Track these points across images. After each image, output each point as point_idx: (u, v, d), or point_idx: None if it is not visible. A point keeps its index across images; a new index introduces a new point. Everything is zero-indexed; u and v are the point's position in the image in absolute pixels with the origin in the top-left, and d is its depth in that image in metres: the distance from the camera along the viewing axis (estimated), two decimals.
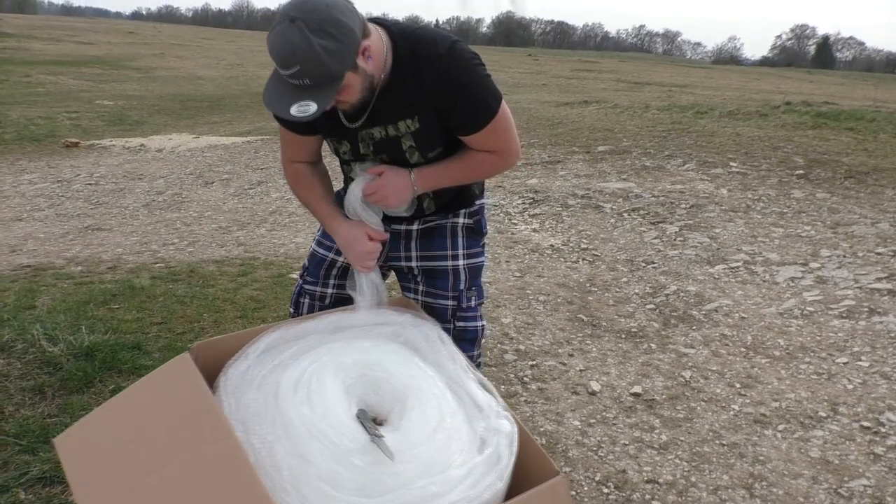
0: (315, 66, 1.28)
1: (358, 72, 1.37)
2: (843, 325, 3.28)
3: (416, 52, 1.44)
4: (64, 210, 5.32)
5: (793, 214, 4.99)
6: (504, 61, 31.47)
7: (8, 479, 1.92)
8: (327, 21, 1.27)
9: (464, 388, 1.43)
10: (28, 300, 3.33)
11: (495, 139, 1.55)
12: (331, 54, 1.28)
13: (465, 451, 1.29)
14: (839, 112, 9.32)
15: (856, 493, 2.10)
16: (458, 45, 1.45)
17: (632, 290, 3.81)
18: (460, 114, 1.48)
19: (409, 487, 1.18)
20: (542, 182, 6.15)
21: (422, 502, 1.16)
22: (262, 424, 1.24)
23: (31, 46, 25.13)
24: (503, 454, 1.30)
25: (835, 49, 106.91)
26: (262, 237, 4.72)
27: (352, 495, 1.16)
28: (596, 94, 14.69)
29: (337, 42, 1.28)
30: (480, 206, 1.78)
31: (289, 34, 1.27)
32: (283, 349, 1.45)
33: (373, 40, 1.40)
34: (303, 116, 1.32)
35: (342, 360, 1.41)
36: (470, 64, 1.45)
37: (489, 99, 1.48)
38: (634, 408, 2.60)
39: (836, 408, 2.59)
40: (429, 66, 1.44)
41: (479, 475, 1.24)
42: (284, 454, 1.20)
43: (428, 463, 1.23)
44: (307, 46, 1.26)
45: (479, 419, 1.37)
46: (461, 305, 1.73)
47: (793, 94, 16.39)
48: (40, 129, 8.89)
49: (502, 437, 1.33)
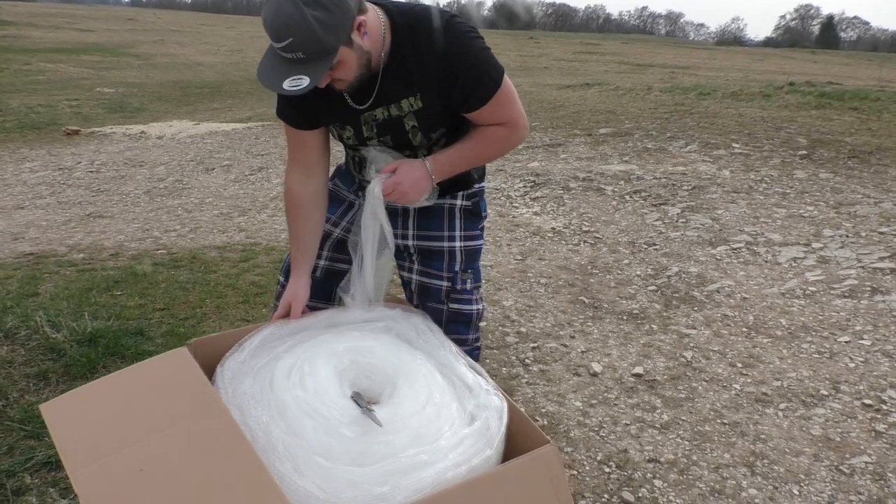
0: (308, 39, 1.27)
1: (353, 47, 1.35)
2: (846, 304, 3.28)
3: (414, 28, 1.43)
4: (65, 198, 5.33)
5: (795, 195, 4.97)
6: (505, 44, 31.27)
7: (14, 464, 1.94)
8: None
9: (453, 372, 1.46)
10: (31, 287, 3.34)
11: (502, 111, 1.53)
12: (324, 26, 1.27)
13: (454, 425, 1.32)
14: (843, 92, 9.25)
15: (857, 469, 2.11)
16: (456, 20, 1.44)
17: (633, 271, 3.81)
18: (463, 88, 1.46)
19: (399, 456, 1.21)
20: (544, 165, 6.13)
21: (412, 470, 1.19)
22: (257, 408, 1.28)
23: (31, 34, 25.04)
24: (492, 426, 1.33)
25: (839, 29, 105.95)
26: (263, 223, 4.72)
27: (344, 465, 1.19)
28: (598, 77, 14.60)
29: (330, 14, 1.27)
30: (480, 189, 1.77)
31: (282, 5, 1.26)
32: (277, 344, 1.50)
33: (369, 17, 1.39)
34: (295, 90, 1.30)
35: (334, 347, 1.45)
36: (468, 37, 1.43)
37: (491, 71, 1.47)
38: (636, 388, 2.61)
39: (838, 386, 2.59)
40: (427, 41, 1.42)
41: (468, 445, 1.27)
42: (279, 433, 1.23)
43: (418, 433, 1.27)
44: (300, 17, 1.25)
45: (469, 398, 1.41)
46: (455, 287, 1.73)
47: (796, 74, 16.28)
48: (41, 117, 8.88)
49: (492, 412, 1.36)
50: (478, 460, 1.26)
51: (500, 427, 1.33)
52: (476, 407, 1.38)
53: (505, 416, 1.36)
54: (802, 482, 2.06)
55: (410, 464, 1.20)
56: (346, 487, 1.16)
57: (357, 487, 1.16)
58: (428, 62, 1.44)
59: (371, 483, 1.16)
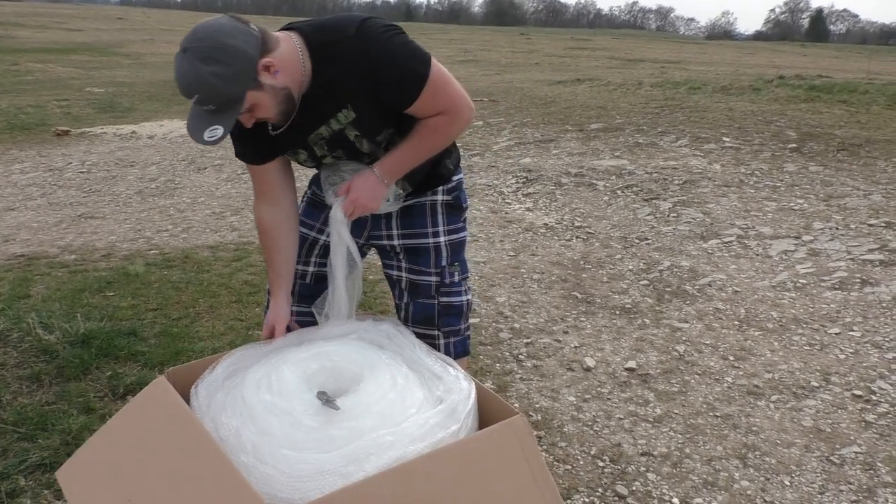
0: (211, 93, 1.33)
1: (264, 89, 1.38)
2: (836, 296, 3.31)
3: (328, 44, 1.44)
4: (56, 199, 5.31)
5: (786, 188, 4.99)
6: (496, 41, 31.25)
7: (8, 466, 1.94)
8: (214, 48, 1.31)
9: (422, 365, 1.50)
10: (23, 289, 3.33)
11: (438, 101, 1.50)
12: (222, 79, 1.32)
13: (421, 408, 1.35)
14: (832, 85, 9.30)
15: (847, 459, 2.13)
16: (368, 23, 1.43)
17: (626, 266, 3.83)
18: (389, 89, 1.46)
19: (363, 439, 1.24)
20: (536, 161, 6.14)
21: (378, 451, 1.22)
22: (229, 416, 1.33)
23: (19, 34, 24.87)
24: (459, 406, 1.35)
25: (829, 22, 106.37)
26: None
27: (311, 453, 1.23)
28: (589, 72, 14.62)
29: (227, 66, 1.31)
30: (458, 181, 1.79)
31: (182, 65, 1.33)
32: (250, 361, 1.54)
33: (281, 52, 1.40)
34: (212, 140, 1.37)
35: (301, 356, 1.50)
36: (382, 37, 1.42)
37: (414, 64, 1.44)
38: (629, 382, 2.62)
39: (829, 377, 2.62)
40: (341, 52, 1.43)
41: (433, 423, 1.30)
42: (248, 434, 1.28)
43: (382, 416, 1.31)
44: (198, 75, 1.31)
45: (437, 385, 1.44)
46: (444, 281, 1.76)
47: (786, 67, 16.34)
48: (30, 117, 8.82)
49: (460, 394, 1.39)
50: (443, 434, 1.28)
51: (467, 405, 1.35)
52: (444, 392, 1.41)
53: (473, 396, 1.38)
54: (794, 473, 2.08)
55: (375, 444, 1.23)
56: (310, 472, 1.19)
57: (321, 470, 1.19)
58: (350, 72, 1.44)
59: (335, 465, 1.20)
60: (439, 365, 1.50)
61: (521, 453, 1.27)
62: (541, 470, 1.28)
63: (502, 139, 7.15)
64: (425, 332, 1.76)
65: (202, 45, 1.31)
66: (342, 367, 1.47)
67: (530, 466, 1.27)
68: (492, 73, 15.34)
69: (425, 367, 1.50)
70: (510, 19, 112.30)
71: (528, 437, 1.29)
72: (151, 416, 1.42)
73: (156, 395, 1.45)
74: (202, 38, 1.31)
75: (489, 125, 7.86)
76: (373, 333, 1.64)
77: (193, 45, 1.31)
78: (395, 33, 1.44)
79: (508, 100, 9.64)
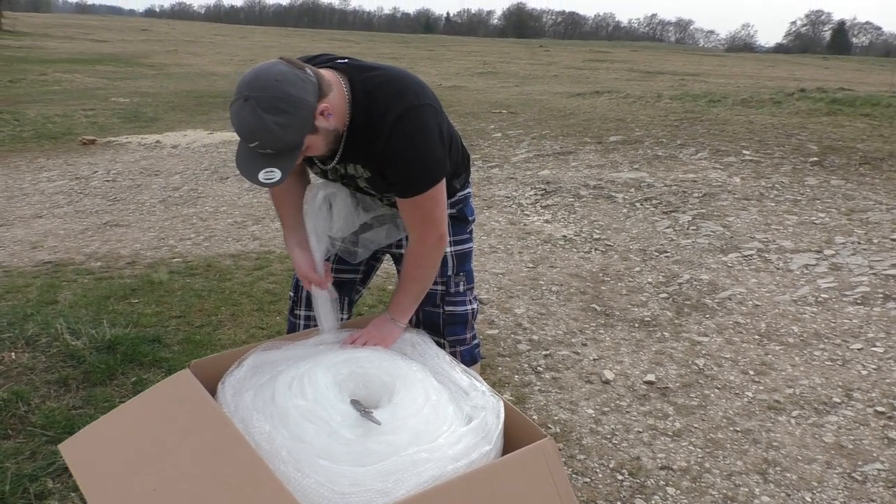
0: (273, 140, 1.35)
1: (318, 132, 1.42)
2: (858, 311, 3.28)
3: (370, 115, 1.48)
4: (82, 207, 5.40)
5: (807, 202, 4.96)
6: (515, 53, 31.36)
7: (36, 469, 1.98)
8: (278, 98, 1.32)
9: (448, 378, 1.53)
10: (50, 295, 3.40)
11: (415, 214, 1.59)
12: (284, 128, 1.34)
13: (452, 424, 1.37)
14: (854, 98, 9.22)
15: (870, 477, 2.12)
16: (410, 115, 1.47)
17: (645, 279, 3.82)
18: (392, 174, 1.53)
19: (400, 455, 1.25)
20: (554, 173, 6.15)
21: (413, 467, 1.23)
22: (260, 419, 1.33)
23: (47, 45, 25.37)
24: (490, 423, 1.38)
25: (851, 34, 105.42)
26: (277, 231, 4.77)
27: (347, 465, 1.23)
28: (608, 85, 14.62)
29: (289, 116, 1.34)
30: (463, 195, 1.85)
31: (243, 113, 1.33)
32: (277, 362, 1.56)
33: (333, 96, 1.44)
34: (270, 182, 1.38)
35: (333, 359, 1.52)
36: (414, 135, 1.48)
37: (420, 175, 1.52)
38: (648, 396, 2.62)
39: (851, 393, 2.59)
40: (378, 129, 1.48)
41: (466, 442, 1.31)
42: (282, 440, 1.28)
43: (417, 432, 1.32)
44: (261, 125, 1.32)
45: (465, 400, 1.46)
46: (449, 290, 1.82)
47: (807, 80, 16.22)
48: (57, 126, 8.99)
49: (489, 412, 1.40)
50: (476, 455, 1.30)
51: (498, 425, 1.37)
52: (472, 408, 1.43)
53: (502, 415, 1.40)
54: (815, 489, 2.07)
55: (411, 461, 1.24)
56: (349, 486, 1.19)
57: (360, 485, 1.19)
58: (374, 144, 1.50)
59: (373, 480, 1.20)
60: (465, 378, 1.52)
61: (549, 477, 1.29)
62: (567, 494, 1.30)
63: (521, 151, 7.17)
64: (435, 339, 1.81)
65: (265, 94, 1.32)
66: (372, 375, 1.49)
67: (558, 491, 1.29)
68: (511, 86, 15.39)
69: (451, 380, 1.52)
70: (529, 31, 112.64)
71: (556, 461, 1.31)
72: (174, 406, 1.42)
73: (180, 386, 1.46)
74: (265, 88, 1.32)
75: (508, 137, 7.89)
76: (398, 341, 1.68)
77: (256, 94, 1.32)
78: (429, 135, 1.50)
79: (527, 112, 9.67)
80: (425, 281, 1.71)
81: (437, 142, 1.52)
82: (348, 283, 1.93)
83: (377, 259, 1.98)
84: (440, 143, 1.53)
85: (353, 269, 1.92)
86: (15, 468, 1.97)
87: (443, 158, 1.55)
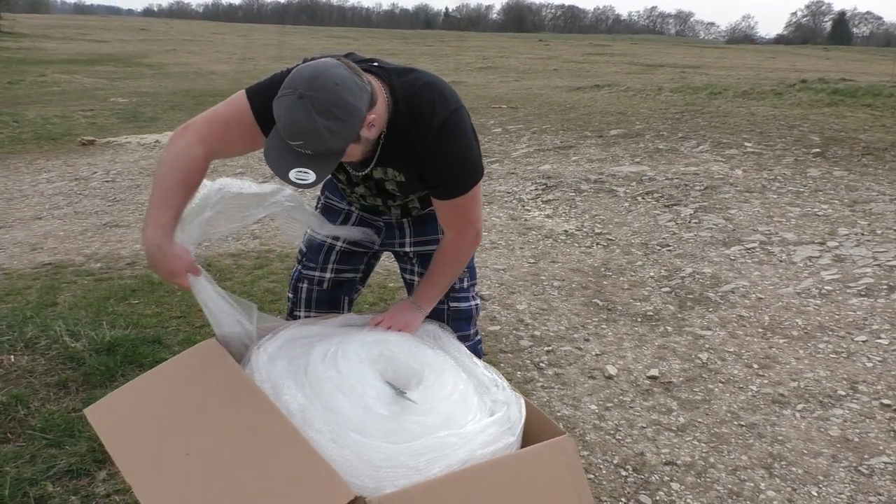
0: (318, 143, 1.29)
1: (360, 141, 1.38)
2: (862, 303, 3.26)
3: (414, 119, 1.46)
4: (82, 208, 5.39)
5: (809, 193, 4.93)
6: (515, 47, 31.29)
7: (36, 472, 1.97)
8: (334, 103, 1.26)
9: (469, 372, 1.54)
10: (50, 297, 3.39)
11: (457, 214, 1.60)
12: (334, 134, 1.28)
13: (477, 414, 1.38)
14: (856, 88, 9.18)
15: (876, 470, 2.10)
16: (453, 119, 1.47)
17: (647, 273, 3.80)
18: (435, 177, 1.53)
19: (431, 436, 1.26)
20: (555, 167, 6.12)
21: (442, 450, 1.24)
22: (293, 387, 1.33)
23: (46, 46, 25.34)
24: (513, 416, 1.39)
25: (851, 25, 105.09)
26: (276, 230, 4.75)
27: (379, 441, 1.24)
28: (608, 78, 14.58)
29: (342, 123, 1.28)
30: None
31: (294, 110, 1.26)
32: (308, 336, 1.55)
33: (378, 105, 1.40)
34: (301, 183, 1.32)
35: (364, 338, 1.52)
36: (456, 138, 1.48)
37: (463, 176, 1.53)
38: (651, 391, 2.60)
39: (856, 386, 2.57)
40: (421, 135, 1.46)
41: (491, 432, 1.32)
42: (315, 410, 1.28)
43: (448, 416, 1.33)
44: (312, 126, 1.26)
45: (486, 394, 1.47)
46: (454, 287, 1.80)
47: (809, 71, 16.16)
48: (57, 127, 8.97)
49: (511, 406, 1.42)
50: (502, 445, 1.31)
51: (521, 418, 1.39)
52: (494, 402, 1.44)
53: (524, 409, 1.41)
54: (821, 483, 2.05)
55: (441, 444, 1.25)
56: (381, 461, 1.20)
57: (392, 461, 1.20)
58: (417, 152, 1.48)
59: (406, 457, 1.21)
60: (486, 372, 1.55)
61: (567, 473, 1.30)
62: (585, 492, 1.31)
63: (521, 146, 7.14)
64: None
65: (322, 96, 1.25)
66: (400, 360, 1.49)
67: (576, 487, 1.30)
68: (510, 80, 15.35)
69: (472, 373, 1.54)
70: (529, 25, 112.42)
71: (575, 458, 1.32)
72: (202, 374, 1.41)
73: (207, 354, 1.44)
74: (323, 90, 1.26)
75: (508, 132, 7.86)
76: (420, 332, 1.68)
77: (313, 94, 1.25)
78: (466, 139, 1.51)
79: (527, 106, 9.63)
80: (455, 276, 1.73)
81: (474, 142, 1.53)
82: (348, 282, 1.91)
83: (376, 257, 1.96)
84: (476, 144, 1.54)
85: (354, 269, 1.90)
86: (14, 472, 1.96)
87: (479, 158, 1.56)
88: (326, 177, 1.37)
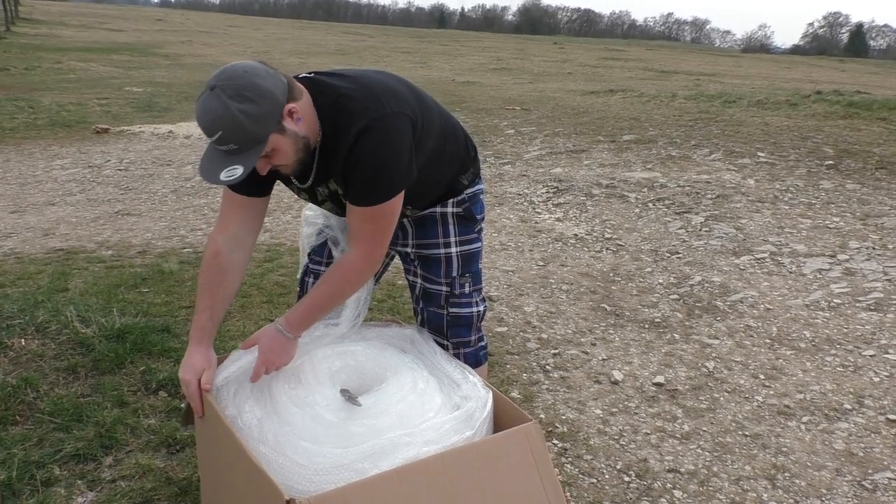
0: (236, 130, 1.31)
1: (286, 134, 1.39)
2: (871, 317, 3.24)
3: (336, 125, 1.46)
4: (95, 195, 5.42)
5: (821, 205, 4.91)
6: (529, 49, 31.26)
7: (43, 456, 1.99)
8: (244, 86, 1.31)
9: (442, 371, 1.55)
10: (61, 283, 3.41)
11: (365, 227, 1.52)
12: (250, 118, 1.31)
13: (438, 412, 1.40)
14: (871, 101, 9.12)
15: (880, 485, 2.09)
16: (377, 125, 1.43)
17: (656, 280, 3.80)
18: (351, 179, 1.49)
19: (381, 438, 1.29)
20: (567, 171, 6.12)
21: (394, 450, 1.27)
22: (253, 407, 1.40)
23: (63, 33, 25.50)
24: (476, 413, 1.40)
25: (868, 37, 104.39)
26: (287, 224, 4.77)
27: (329, 447, 1.28)
28: (622, 83, 14.54)
29: (256, 105, 1.31)
30: (472, 193, 1.81)
31: (208, 102, 1.32)
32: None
33: (303, 103, 1.42)
34: (230, 179, 1.34)
35: (327, 351, 1.56)
36: (379, 145, 1.43)
37: (376, 188, 1.47)
38: (657, 397, 2.60)
39: (862, 400, 2.57)
40: (344, 139, 1.45)
41: (449, 427, 1.34)
42: (270, 425, 1.34)
43: (401, 417, 1.36)
44: (226, 112, 1.30)
45: (455, 392, 1.49)
46: (454, 292, 1.80)
47: (824, 82, 16.08)
48: (72, 115, 9.03)
49: (477, 401, 1.43)
50: (456, 439, 1.32)
51: (483, 413, 1.39)
52: (461, 398, 1.46)
53: (490, 404, 1.42)
54: (824, 497, 2.05)
55: (391, 444, 1.28)
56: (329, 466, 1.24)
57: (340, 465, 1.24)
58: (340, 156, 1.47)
59: (352, 461, 1.25)
60: (459, 371, 1.55)
61: (531, 458, 1.31)
62: (549, 477, 1.32)
63: (534, 148, 7.14)
64: (437, 340, 1.80)
65: (232, 83, 1.31)
66: (366, 367, 1.53)
67: (539, 472, 1.31)
68: (524, 82, 15.33)
69: (445, 373, 1.55)
70: (544, 28, 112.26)
71: (539, 443, 1.33)
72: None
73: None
74: (232, 77, 1.32)
75: (521, 134, 7.86)
76: (397, 338, 1.70)
77: (223, 83, 1.31)
78: (396, 147, 1.45)
79: (540, 109, 9.63)
80: (340, 293, 1.58)
81: (404, 151, 1.47)
82: None
83: (390, 257, 1.97)
84: (407, 153, 1.47)
85: None
86: (22, 454, 1.98)
87: (407, 169, 1.49)
88: (252, 167, 1.36)
